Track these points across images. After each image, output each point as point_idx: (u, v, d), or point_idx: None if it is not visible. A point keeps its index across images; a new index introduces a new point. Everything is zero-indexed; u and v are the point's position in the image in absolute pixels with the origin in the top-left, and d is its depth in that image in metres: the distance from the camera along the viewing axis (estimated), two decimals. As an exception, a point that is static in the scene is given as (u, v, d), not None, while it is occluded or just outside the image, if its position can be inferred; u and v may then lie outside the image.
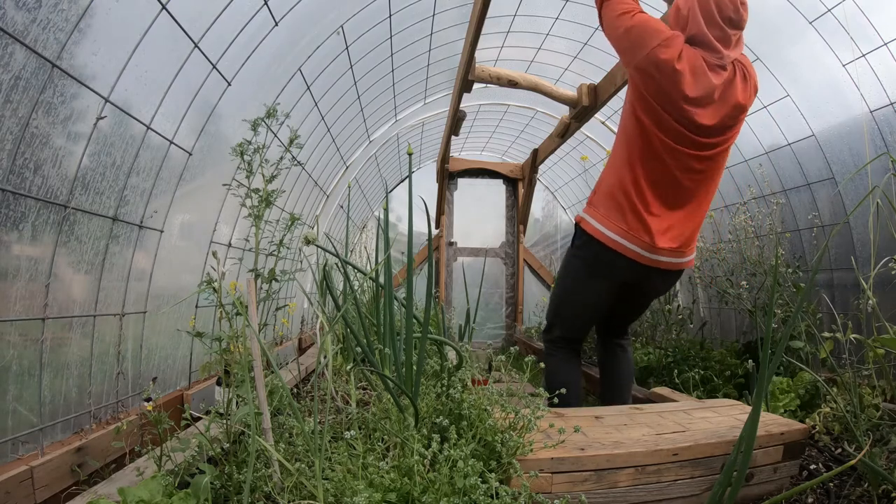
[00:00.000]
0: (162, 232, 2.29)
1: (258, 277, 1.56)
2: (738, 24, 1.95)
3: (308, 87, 3.21)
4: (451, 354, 2.25)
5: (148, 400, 1.65)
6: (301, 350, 4.46)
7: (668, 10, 2.24)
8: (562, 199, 7.38)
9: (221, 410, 1.57)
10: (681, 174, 2.04)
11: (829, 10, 2.66)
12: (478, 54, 3.07)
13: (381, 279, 2.20)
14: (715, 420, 1.95)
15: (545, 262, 7.26)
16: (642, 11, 2.05)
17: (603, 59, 4.09)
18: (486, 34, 3.08)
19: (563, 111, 4.03)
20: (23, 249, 1.59)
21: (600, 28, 2.22)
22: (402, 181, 7.11)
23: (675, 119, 1.98)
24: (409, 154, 1.84)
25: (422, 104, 5.39)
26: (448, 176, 6.18)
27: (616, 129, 2.57)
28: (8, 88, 1.41)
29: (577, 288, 2.29)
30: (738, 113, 2.03)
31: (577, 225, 2.26)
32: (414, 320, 1.77)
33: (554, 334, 2.42)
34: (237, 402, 1.60)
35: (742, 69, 2.04)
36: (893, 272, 2.08)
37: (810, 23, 2.79)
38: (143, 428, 1.96)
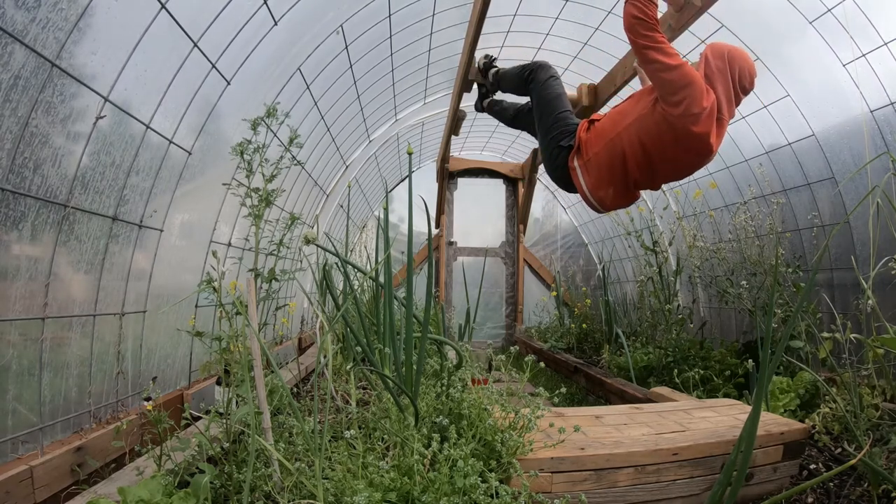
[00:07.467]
0: (162, 231, 2.28)
1: (258, 277, 1.56)
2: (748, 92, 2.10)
3: (308, 87, 3.21)
4: (451, 354, 2.25)
5: (148, 399, 1.66)
6: (301, 350, 4.46)
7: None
8: (562, 199, 7.38)
9: (221, 410, 1.57)
10: None
11: (830, 10, 2.66)
12: (478, 54, 3.07)
13: (381, 278, 2.20)
14: (715, 420, 1.95)
15: (545, 262, 7.26)
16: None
17: (603, 58, 4.09)
18: (486, 34, 3.07)
19: (564, 111, 4.02)
20: (22, 249, 1.59)
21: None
22: (402, 181, 7.11)
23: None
24: (409, 154, 1.84)
25: (422, 104, 5.38)
26: (448, 175, 6.17)
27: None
28: (7, 88, 1.41)
29: None
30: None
31: None
32: (414, 320, 1.77)
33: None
34: (237, 402, 1.60)
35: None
36: (893, 272, 2.08)
37: (810, 22, 2.78)
38: (142, 427, 1.96)
